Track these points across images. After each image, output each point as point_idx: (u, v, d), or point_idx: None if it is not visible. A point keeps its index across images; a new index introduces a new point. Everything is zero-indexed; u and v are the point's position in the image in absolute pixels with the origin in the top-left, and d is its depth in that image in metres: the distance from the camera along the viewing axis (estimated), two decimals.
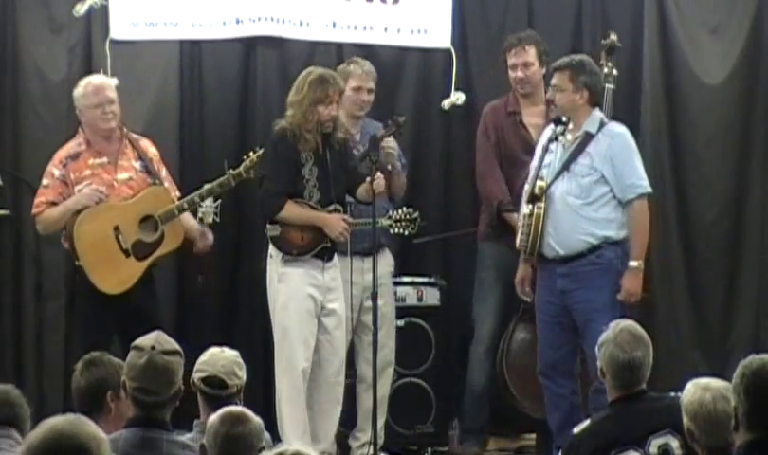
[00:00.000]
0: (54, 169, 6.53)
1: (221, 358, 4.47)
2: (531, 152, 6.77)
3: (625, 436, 4.43)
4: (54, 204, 6.49)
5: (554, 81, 6.47)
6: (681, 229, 7.52)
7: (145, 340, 4.01)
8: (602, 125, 6.40)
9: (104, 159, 6.54)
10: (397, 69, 7.60)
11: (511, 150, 7.01)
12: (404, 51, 7.51)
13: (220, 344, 4.62)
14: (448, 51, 7.45)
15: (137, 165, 6.59)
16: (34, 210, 6.56)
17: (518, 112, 7.07)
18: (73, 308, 6.90)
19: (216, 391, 4.38)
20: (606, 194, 6.34)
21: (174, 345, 4.05)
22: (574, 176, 6.34)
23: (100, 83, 6.61)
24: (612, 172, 6.32)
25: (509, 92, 7.15)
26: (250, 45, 7.51)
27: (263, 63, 7.54)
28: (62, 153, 6.58)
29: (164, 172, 6.70)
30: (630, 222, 6.36)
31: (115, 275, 6.41)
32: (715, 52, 7.49)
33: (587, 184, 6.33)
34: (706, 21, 7.51)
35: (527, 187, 6.45)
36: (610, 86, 6.83)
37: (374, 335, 6.38)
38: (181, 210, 6.52)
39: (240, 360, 4.53)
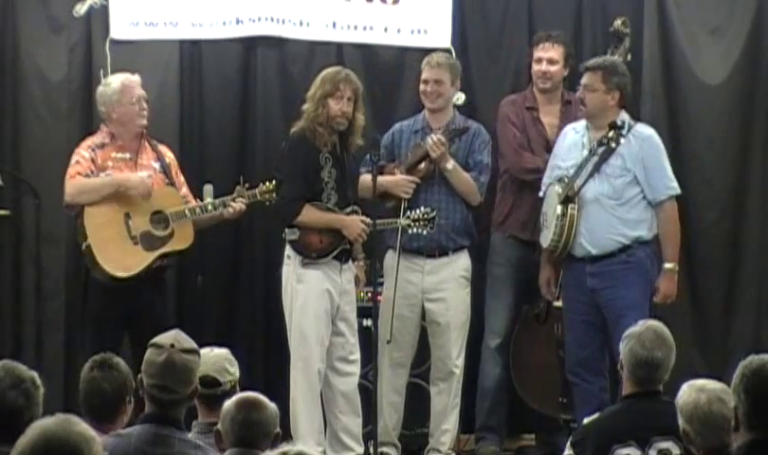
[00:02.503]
0: (83, 151, 6.54)
1: (210, 357, 4.48)
2: (548, 148, 6.84)
3: (629, 432, 4.42)
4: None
5: (585, 80, 6.48)
6: (681, 229, 7.49)
7: (164, 338, 3.96)
8: (630, 127, 6.42)
9: (127, 155, 6.57)
10: (397, 69, 7.59)
11: (530, 142, 7.01)
12: (404, 51, 7.51)
13: (220, 344, 4.64)
14: (448, 51, 7.44)
15: (156, 165, 6.64)
16: (68, 179, 6.46)
17: (535, 108, 7.07)
18: (83, 306, 6.88)
19: (210, 389, 4.38)
20: (637, 195, 6.40)
21: (193, 344, 3.99)
22: (606, 177, 6.38)
23: (135, 80, 6.66)
24: (644, 173, 6.37)
25: (526, 89, 7.17)
26: (250, 46, 7.51)
27: (263, 63, 7.53)
28: (88, 142, 6.60)
29: (182, 178, 6.74)
30: (662, 223, 6.43)
31: (121, 258, 6.42)
32: (715, 52, 7.48)
33: (620, 185, 6.38)
34: (706, 21, 7.50)
35: (557, 189, 6.43)
36: None
37: (374, 334, 6.37)
38: (193, 214, 6.54)
39: (231, 357, 4.57)
